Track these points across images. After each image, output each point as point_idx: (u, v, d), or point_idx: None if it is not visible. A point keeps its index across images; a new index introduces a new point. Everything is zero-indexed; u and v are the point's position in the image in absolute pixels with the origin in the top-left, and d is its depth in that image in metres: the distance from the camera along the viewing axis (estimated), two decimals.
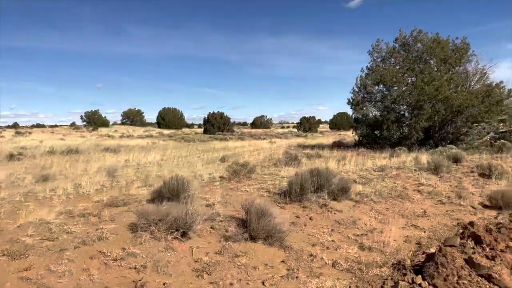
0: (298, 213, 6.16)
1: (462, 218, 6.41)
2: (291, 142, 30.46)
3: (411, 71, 18.87)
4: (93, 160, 14.55)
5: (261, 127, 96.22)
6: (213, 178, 9.32)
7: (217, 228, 5.02)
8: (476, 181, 9.41)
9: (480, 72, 18.79)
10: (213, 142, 28.53)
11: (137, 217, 4.68)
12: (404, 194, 7.65)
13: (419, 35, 19.85)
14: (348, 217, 6.07)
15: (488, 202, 7.32)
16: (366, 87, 18.73)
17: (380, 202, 6.99)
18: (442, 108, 17.13)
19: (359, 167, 11.51)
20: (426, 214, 6.56)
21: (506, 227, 5.59)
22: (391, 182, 8.81)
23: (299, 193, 6.54)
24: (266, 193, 7.26)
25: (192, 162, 14.07)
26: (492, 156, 14.12)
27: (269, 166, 12.32)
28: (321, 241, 5.10)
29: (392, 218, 6.21)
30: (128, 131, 65.95)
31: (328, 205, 6.40)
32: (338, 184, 6.83)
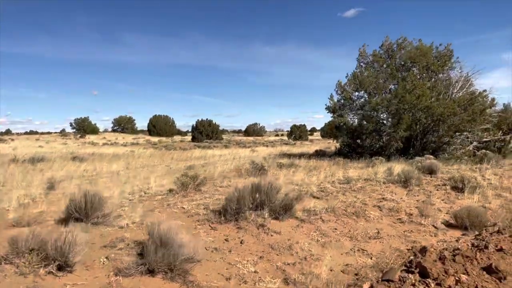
0: (230, 235, 5.34)
1: (419, 241, 5.63)
2: (275, 150, 29.67)
3: (393, 78, 18.22)
4: (51, 170, 13.67)
5: (254, 134, 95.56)
6: (160, 192, 8.50)
7: (112, 258, 4.19)
8: (448, 195, 8.65)
9: (463, 80, 18.18)
10: (194, 151, 27.65)
11: (7, 245, 3.84)
12: (361, 211, 6.86)
13: (403, 42, 19.27)
14: (285, 240, 5.26)
15: (453, 220, 6.55)
16: (344, 92, 18.02)
17: (329, 221, 6.19)
18: (423, 116, 16.45)
19: (328, 178, 10.73)
20: (379, 235, 5.77)
21: (463, 255, 4.79)
22: (352, 197, 8.02)
23: (236, 211, 5.73)
24: (203, 211, 6.44)
25: (154, 172, 13.23)
26: (471, 167, 13.41)
27: (233, 177, 11.52)
28: (241, 272, 4.29)
29: (337, 241, 5.41)
30: (117, 139, 64.99)
31: (266, 226, 5.59)
32: (283, 200, 6.03)
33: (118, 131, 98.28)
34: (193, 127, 56.80)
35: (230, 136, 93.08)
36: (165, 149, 30.08)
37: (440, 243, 5.54)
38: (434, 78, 18.75)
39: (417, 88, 16.17)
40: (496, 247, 5.07)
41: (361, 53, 18.62)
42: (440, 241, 5.63)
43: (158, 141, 51.14)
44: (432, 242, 5.57)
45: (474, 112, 15.53)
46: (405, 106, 16.27)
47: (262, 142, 46.91)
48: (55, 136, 73.47)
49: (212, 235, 5.31)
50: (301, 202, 7.26)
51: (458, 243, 5.61)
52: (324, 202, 7.36)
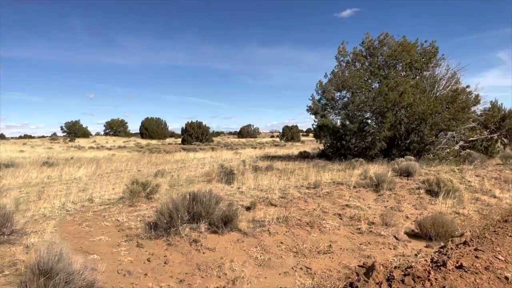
0: (155, 254, 4.67)
1: (374, 255, 4.97)
2: (262, 152, 28.99)
3: (375, 76, 17.60)
4: (12, 176, 12.94)
5: (248, 136, 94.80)
6: (110, 201, 7.82)
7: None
8: (420, 200, 8.03)
9: (448, 77, 17.60)
10: (178, 154, 26.94)
11: None
12: (317, 220, 6.20)
13: (385, 38, 18.66)
14: (217, 259, 4.59)
15: (419, 230, 5.92)
16: (326, 92, 17.38)
17: (277, 233, 5.53)
18: (405, 115, 15.84)
19: (299, 182, 10.08)
20: (331, 250, 5.11)
21: (414, 275, 4.14)
22: (314, 203, 7.37)
23: (167, 225, 5.06)
24: (139, 223, 5.76)
25: (120, 177, 12.53)
26: (453, 168, 12.80)
27: (200, 182, 10.85)
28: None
29: (279, 258, 4.75)
30: (107, 142, 64.10)
31: (199, 241, 4.92)
32: (224, 211, 5.37)
33: (110, 134, 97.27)
34: (182, 129, 55.98)
35: (225, 138, 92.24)
36: (149, 153, 29.33)
37: (397, 258, 4.91)
38: (418, 76, 18.17)
39: (399, 85, 15.56)
40: (456, 263, 4.44)
41: (341, 51, 17.98)
42: (398, 256, 5.00)
43: (146, 144, 50.34)
44: (387, 257, 4.94)
45: (456, 110, 14.92)
46: (388, 105, 15.65)
47: (252, 144, 46.20)
48: (45, 140, 72.41)
49: (134, 254, 4.63)
50: (255, 210, 6.62)
51: (416, 258, 4.98)
52: (281, 210, 6.70)
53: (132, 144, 55.58)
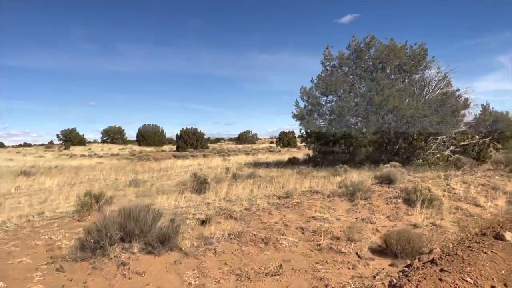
0: (74, 280, 4.09)
1: (328, 277, 4.40)
2: (253, 158, 28.39)
3: (362, 79, 17.07)
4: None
5: (247, 142, 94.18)
6: (62, 214, 7.26)
7: None
8: (397, 210, 7.44)
9: (437, 80, 17.05)
10: (166, 161, 26.34)
11: None
12: (275, 236, 5.63)
13: (372, 41, 18.15)
14: (143, 286, 4.02)
15: (385, 245, 5.34)
16: (310, 98, 16.84)
17: (224, 252, 4.95)
18: (393, 119, 15.28)
19: (275, 191, 9.49)
20: (281, 271, 4.53)
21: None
22: (279, 215, 6.79)
23: (95, 245, 4.49)
24: (72, 242, 5.19)
25: (91, 187, 11.96)
26: (440, 174, 12.22)
27: (172, 192, 10.28)
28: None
29: (216, 283, 4.17)
30: (102, 150, 63.53)
31: (128, 264, 4.35)
32: (163, 228, 4.80)
33: (107, 142, 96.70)
34: (177, 136, 55.43)
35: (224, 144, 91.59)
36: (137, 160, 28.76)
37: (353, 280, 4.32)
38: (408, 79, 17.63)
39: (385, 88, 15.03)
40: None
41: (326, 55, 17.45)
42: (355, 277, 4.42)
43: (139, 151, 49.78)
44: (343, 279, 4.36)
45: (445, 114, 14.37)
46: (373, 109, 15.10)
47: (246, 150, 45.58)
48: (40, 148, 71.87)
49: (48, 281, 4.06)
50: (209, 225, 6.04)
51: (374, 280, 4.40)
52: (239, 224, 6.13)
53: (127, 151, 54.96)
